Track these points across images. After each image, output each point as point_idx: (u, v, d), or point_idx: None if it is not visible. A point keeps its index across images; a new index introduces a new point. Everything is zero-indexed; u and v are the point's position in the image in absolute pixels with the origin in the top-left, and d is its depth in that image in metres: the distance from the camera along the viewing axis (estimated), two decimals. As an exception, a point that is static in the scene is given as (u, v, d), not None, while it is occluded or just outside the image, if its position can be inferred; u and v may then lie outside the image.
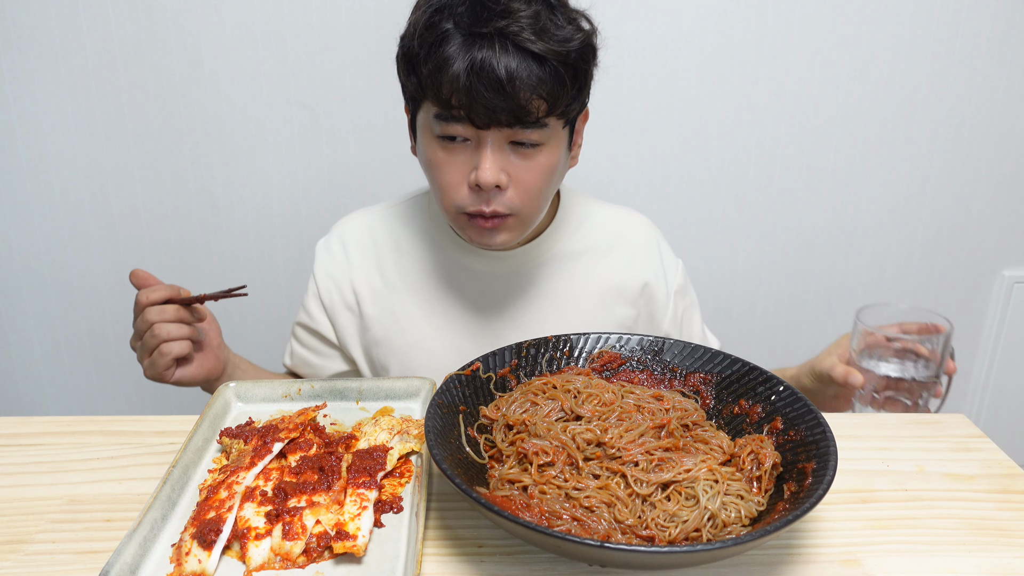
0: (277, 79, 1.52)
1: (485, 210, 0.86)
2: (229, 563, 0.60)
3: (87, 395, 1.76)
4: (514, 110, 0.80)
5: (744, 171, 1.66)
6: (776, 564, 0.63)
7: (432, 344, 1.02)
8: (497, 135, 0.83)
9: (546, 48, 0.79)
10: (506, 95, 0.79)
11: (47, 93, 1.51)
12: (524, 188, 0.87)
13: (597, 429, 0.68)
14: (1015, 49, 1.59)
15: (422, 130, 0.89)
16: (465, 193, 0.87)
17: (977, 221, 1.74)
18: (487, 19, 0.79)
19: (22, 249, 1.64)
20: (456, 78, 0.79)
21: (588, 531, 0.60)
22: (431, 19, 0.81)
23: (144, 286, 0.88)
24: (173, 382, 0.92)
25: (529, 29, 0.79)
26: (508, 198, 0.87)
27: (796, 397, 0.71)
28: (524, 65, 0.79)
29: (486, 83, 0.78)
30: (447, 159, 0.86)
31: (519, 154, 0.85)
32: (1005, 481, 0.75)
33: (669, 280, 1.07)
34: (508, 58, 0.78)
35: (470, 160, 0.85)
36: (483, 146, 0.84)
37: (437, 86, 0.81)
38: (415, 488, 0.69)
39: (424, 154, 0.90)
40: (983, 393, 1.90)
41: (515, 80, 0.78)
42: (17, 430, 0.81)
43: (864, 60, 1.57)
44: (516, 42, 0.78)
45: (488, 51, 0.78)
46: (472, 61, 0.78)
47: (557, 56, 0.80)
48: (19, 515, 0.68)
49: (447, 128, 0.84)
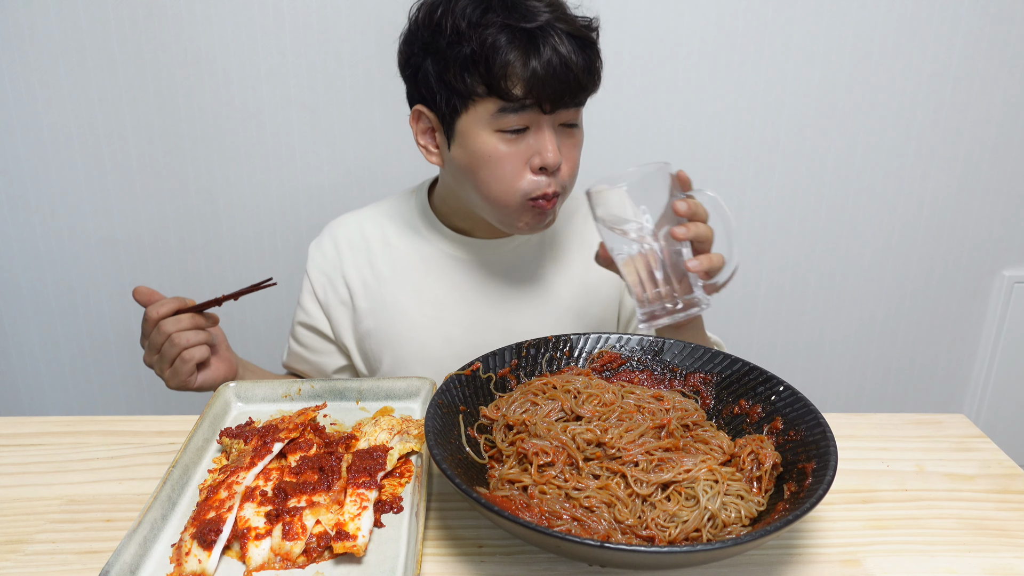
0: (277, 79, 1.52)
1: (549, 192, 0.91)
2: (229, 563, 0.60)
3: (87, 395, 1.76)
4: (577, 92, 0.88)
5: (744, 171, 1.66)
6: (776, 564, 0.63)
7: (422, 333, 1.04)
8: (551, 118, 0.89)
9: (584, 33, 0.88)
10: (572, 80, 0.86)
11: (47, 93, 1.51)
12: (571, 165, 0.93)
13: (597, 429, 0.68)
14: (1015, 49, 1.59)
15: (472, 129, 0.89)
16: (530, 179, 0.90)
17: (977, 221, 1.74)
18: (531, 14, 0.85)
19: (22, 249, 1.64)
20: (532, 72, 0.84)
21: (588, 531, 0.60)
22: (479, 20, 0.85)
23: (149, 302, 0.90)
24: (196, 388, 0.94)
25: (564, 20, 0.87)
26: (562, 176, 0.92)
27: (796, 397, 0.71)
28: (578, 50, 0.87)
29: (559, 73, 0.85)
30: (509, 151, 0.89)
31: (565, 134, 0.92)
32: (1005, 481, 0.75)
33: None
34: (565, 46, 0.85)
35: (528, 147, 0.89)
36: (542, 130, 0.89)
37: (508, 84, 0.85)
38: (415, 488, 0.69)
39: (478, 152, 0.90)
40: (983, 393, 1.90)
41: (577, 65, 0.86)
42: (17, 430, 0.81)
43: (864, 60, 1.57)
44: (564, 30, 0.86)
45: (552, 42, 0.85)
46: (542, 54, 0.84)
47: (592, 41, 0.90)
48: (19, 515, 0.68)
49: (514, 121, 0.88)
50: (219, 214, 1.62)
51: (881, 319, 1.82)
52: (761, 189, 1.68)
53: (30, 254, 1.64)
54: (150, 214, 1.61)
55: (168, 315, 0.89)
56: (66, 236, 1.63)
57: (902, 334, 1.84)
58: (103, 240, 1.63)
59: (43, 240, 1.63)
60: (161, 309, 0.89)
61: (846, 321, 1.82)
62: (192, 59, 1.50)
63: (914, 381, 1.90)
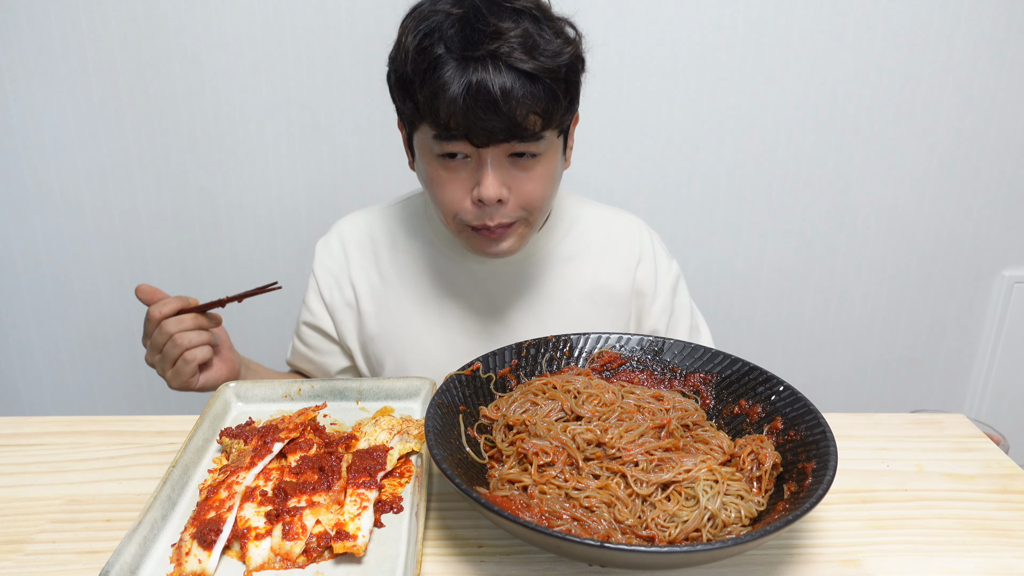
0: (277, 79, 1.52)
1: (490, 223, 0.88)
2: (229, 563, 0.60)
3: (87, 395, 1.76)
4: (511, 128, 0.81)
5: (744, 171, 1.66)
6: (776, 564, 0.63)
7: (426, 340, 1.04)
8: (496, 151, 0.85)
9: (538, 66, 0.80)
10: (502, 115, 0.80)
11: (47, 93, 1.51)
12: (525, 198, 0.88)
13: (597, 429, 0.68)
14: (1015, 49, 1.59)
15: (420, 150, 0.90)
16: (468, 208, 0.88)
17: (977, 221, 1.74)
18: (478, 42, 0.80)
19: (22, 249, 1.64)
20: (453, 101, 0.80)
21: (588, 531, 0.60)
22: (422, 44, 0.82)
23: (152, 300, 0.90)
24: (199, 388, 0.93)
25: (520, 49, 0.80)
26: (510, 209, 0.88)
27: (796, 397, 0.71)
28: (519, 84, 0.80)
29: (483, 105, 0.79)
30: (448, 177, 0.87)
31: (519, 166, 0.87)
32: (1005, 481, 0.75)
33: (660, 281, 1.08)
34: (502, 78, 0.79)
35: (471, 176, 0.87)
36: (483, 163, 0.85)
37: (435, 111, 0.82)
38: (415, 488, 0.69)
39: (424, 173, 0.91)
40: (983, 393, 1.91)
41: (511, 100, 0.80)
42: (17, 430, 0.81)
43: (864, 60, 1.57)
44: (508, 63, 0.79)
45: (483, 73, 0.79)
46: (468, 84, 0.79)
47: (549, 73, 0.81)
48: (19, 515, 0.68)
49: (447, 147, 0.85)
50: (219, 214, 1.62)
51: (881, 319, 1.82)
52: (761, 189, 1.68)
53: (30, 254, 1.64)
54: (150, 214, 1.62)
55: (171, 315, 0.88)
56: (66, 236, 1.63)
57: (902, 334, 1.84)
58: (103, 240, 1.63)
59: (43, 240, 1.63)
60: (164, 308, 0.88)
61: (846, 321, 1.82)
62: (192, 59, 1.50)
63: (914, 381, 1.90)
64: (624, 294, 1.06)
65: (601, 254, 1.06)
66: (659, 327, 1.08)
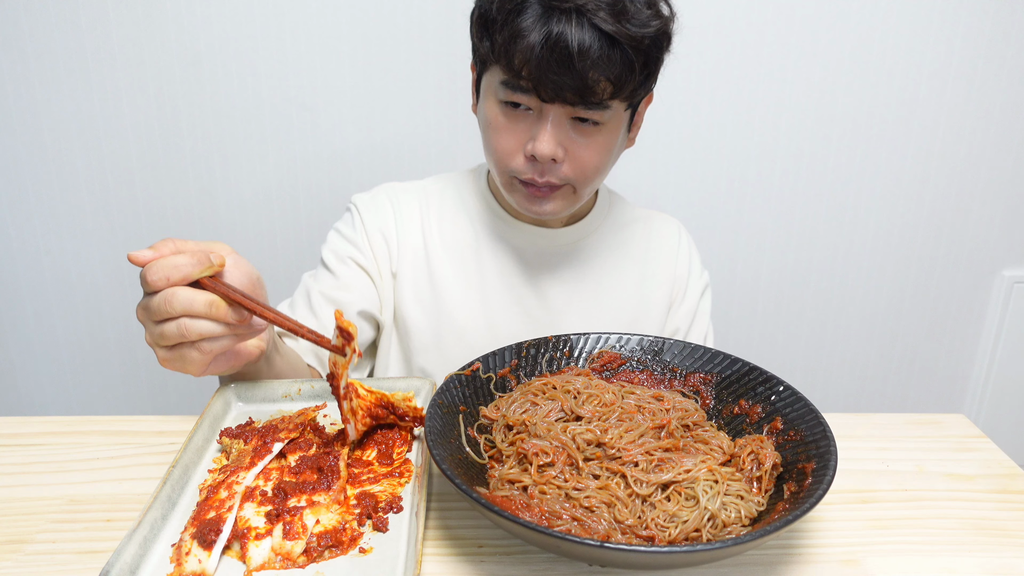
0: (277, 79, 1.52)
1: (538, 180, 0.88)
2: (229, 563, 0.60)
3: (87, 395, 1.76)
4: (580, 89, 0.80)
5: (744, 171, 1.66)
6: (776, 564, 0.63)
7: (462, 312, 1.02)
8: (560, 110, 0.84)
9: (620, 30, 0.79)
10: (575, 72, 0.79)
11: (47, 93, 1.51)
12: (580, 164, 0.88)
13: (597, 429, 0.68)
14: (1015, 49, 1.59)
15: (486, 92, 0.89)
16: (520, 160, 0.88)
17: (977, 221, 1.74)
18: None
19: (22, 249, 1.64)
20: (529, 49, 0.79)
21: (588, 531, 0.60)
22: None
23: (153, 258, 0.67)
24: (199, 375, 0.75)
25: (607, 9, 0.78)
26: (563, 171, 0.88)
27: (796, 397, 0.71)
28: (597, 44, 0.78)
29: (558, 58, 0.78)
30: (507, 125, 0.87)
31: (579, 130, 0.86)
32: (1005, 481, 0.75)
33: (692, 283, 1.09)
34: (582, 35, 0.78)
35: (529, 129, 0.86)
36: (544, 118, 0.85)
37: (509, 55, 0.81)
38: (415, 488, 0.69)
39: (485, 115, 0.90)
40: (983, 393, 1.90)
41: (586, 58, 0.78)
42: (17, 430, 0.81)
43: (864, 60, 1.57)
44: (593, 21, 0.78)
45: (564, 26, 0.78)
46: (547, 34, 0.78)
47: (630, 40, 0.80)
48: (19, 515, 0.68)
49: (512, 96, 0.85)
50: (219, 214, 1.62)
51: (881, 319, 1.82)
52: (761, 189, 1.68)
53: (30, 254, 1.64)
54: (150, 214, 1.61)
55: (180, 283, 0.66)
56: (66, 236, 1.63)
57: (902, 334, 1.84)
58: (103, 240, 1.63)
59: (43, 240, 1.63)
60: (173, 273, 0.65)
61: (846, 321, 1.82)
62: (192, 59, 1.50)
63: (914, 381, 1.90)
64: (659, 293, 1.07)
65: (644, 250, 1.07)
66: (681, 327, 1.09)
